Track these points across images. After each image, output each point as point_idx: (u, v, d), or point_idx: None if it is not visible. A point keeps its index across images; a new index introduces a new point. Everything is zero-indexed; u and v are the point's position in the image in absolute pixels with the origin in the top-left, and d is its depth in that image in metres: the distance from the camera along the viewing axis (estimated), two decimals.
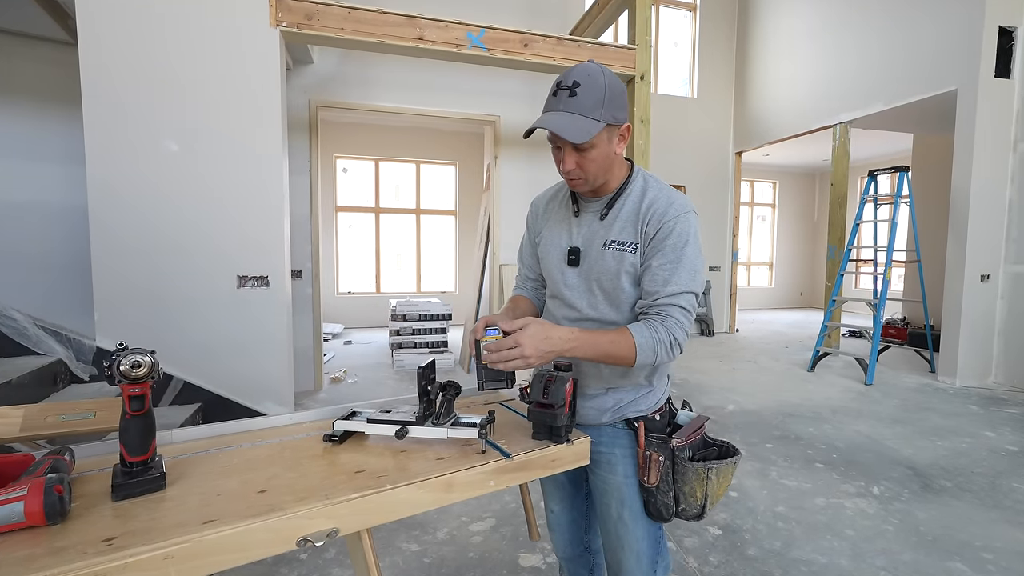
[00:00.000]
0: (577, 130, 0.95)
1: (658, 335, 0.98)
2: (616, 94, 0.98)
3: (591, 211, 1.11)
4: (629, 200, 1.07)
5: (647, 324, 1.00)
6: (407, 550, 2.01)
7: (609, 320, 1.09)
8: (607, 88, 0.97)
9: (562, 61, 3.57)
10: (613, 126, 1.00)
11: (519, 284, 1.34)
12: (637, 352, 0.97)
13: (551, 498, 1.32)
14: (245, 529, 0.70)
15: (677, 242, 1.01)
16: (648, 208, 1.04)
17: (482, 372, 1.00)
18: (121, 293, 2.72)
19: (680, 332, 1.00)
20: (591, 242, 1.09)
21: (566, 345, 0.96)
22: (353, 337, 6.98)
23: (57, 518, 0.67)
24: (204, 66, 2.81)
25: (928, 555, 1.98)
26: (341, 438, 1.02)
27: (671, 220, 1.02)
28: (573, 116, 0.96)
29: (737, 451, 1.12)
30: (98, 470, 0.85)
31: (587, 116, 0.96)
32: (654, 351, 0.98)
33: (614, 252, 1.05)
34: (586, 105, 0.95)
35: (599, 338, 0.98)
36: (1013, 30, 4.25)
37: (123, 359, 0.74)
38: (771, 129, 6.55)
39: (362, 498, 0.80)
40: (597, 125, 0.96)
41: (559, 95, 0.98)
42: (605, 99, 0.96)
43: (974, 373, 4.44)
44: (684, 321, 1.00)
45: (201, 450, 0.96)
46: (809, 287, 10.64)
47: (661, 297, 1.00)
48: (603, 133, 0.98)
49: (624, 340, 0.98)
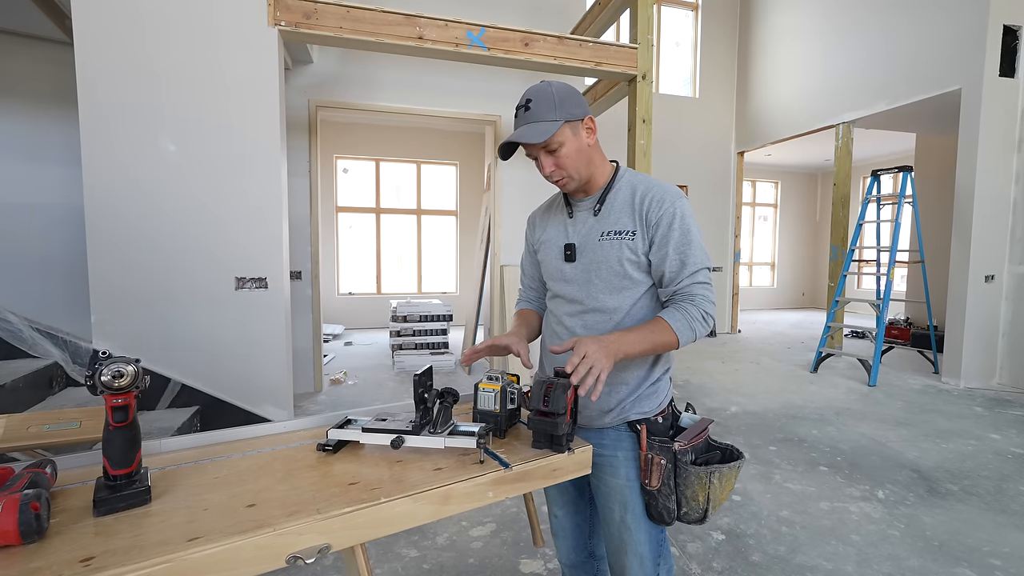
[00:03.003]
0: (536, 133, 1.05)
1: (690, 314, 1.05)
2: (565, 95, 1.08)
3: (584, 209, 1.17)
4: (620, 194, 1.14)
5: (676, 308, 1.07)
6: (406, 556, 1.98)
7: (610, 308, 1.12)
8: (555, 94, 1.07)
9: (563, 60, 3.53)
10: (573, 121, 1.08)
11: (523, 296, 1.38)
12: (678, 335, 1.04)
13: (555, 503, 1.32)
14: (231, 547, 0.67)
15: (682, 225, 1.08)
16: (643, 198, 1.10)
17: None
18: (118, 295, 2.70)
19: (708, 304, 1.07)
20: (588, 237, 1.14)
21: (618, 343, 0.99)
22: (354, 338, 6.95)
23: (33, 536, 0.64)
24: (202, 66, 2.78)
25: (935, 561, 1.95)
26: (335, 447, 0.99)
27: (670, 206, 1.08)
28: (531, 124, 1.06)
29: (741, 455, 1.12)
30: (82, 483, 0.82)
31: (543, 120, 1.05)
32: (691, 328, 1.05)
33: (612, 241, 1.11)
34: (539, 112, 1.06)
35: (641, 330, 1.04)
36: (1018, 29, 4.21)
37: (104, 368, 0.71)
38: (773, 129, 6.51)
39: (355, 512, 0.77)
40: (555, 124, 1.05)
41: (518, 114, 1.10)
42: (556, 102, 1.06)
43: (978, 374, 4.40)
44: (708, 294, 1.08)
45: (190, 461, 0.93)
46: (811, 288, 10.60)
47: (682, 280, 1.08)
48: (565, 130, 1.07)
49: (662, 326, 1.04)
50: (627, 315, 1.12)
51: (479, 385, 1.08)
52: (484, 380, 1.09)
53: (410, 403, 1.07)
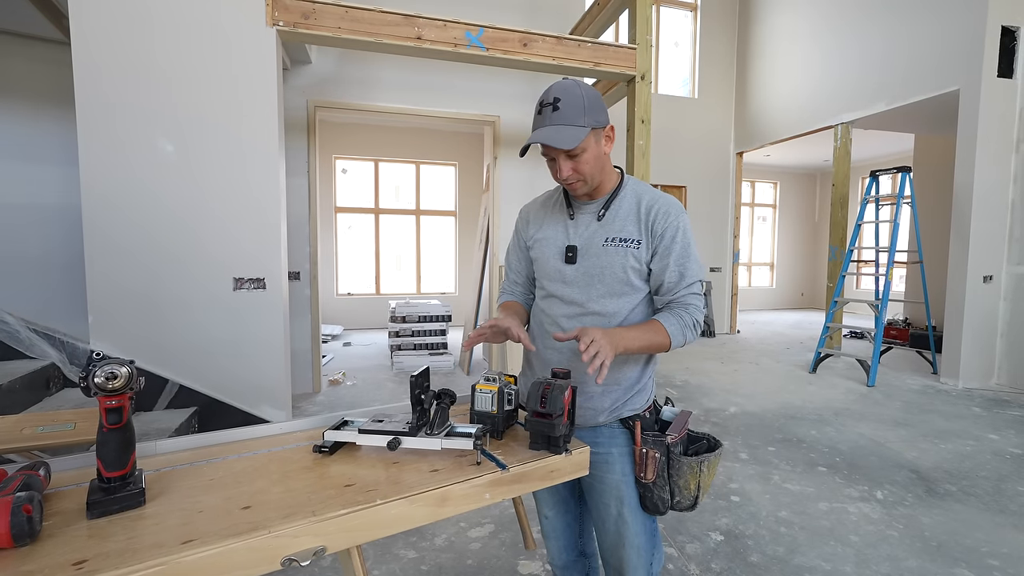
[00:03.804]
0: (567, 138, 1.04)
1: (683, 320, 1.11)
2: (593, 101, 1.08)
3: (587, 213, 1.18)
4: (625, 201, 1.16)
5: (672, 313, 1.12)
6: (404, 557, 1.98)
7: (610, 312, 1.14)
8: (584, 97, 1.07)
9: (562, 61, 3.53)
10: (597, 129, 1.09)
11: (507, 289, 1.36)
12: (671, 338, 1.09)
13: (545, 503, 1.33)
14: (226, 549, 0.67)
15: (683, 239, 1.13)
16: (649, 209, 1.13)
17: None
18: (115, 295, 2.69)
19: (699, 314, 1.14)
20: (591, 241, 1.15)
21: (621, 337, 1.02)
22: (352, 339, 6.94)
23: (25, 539, 0.64)
24: (199, 66, 2.78)
25: (933, 561, 1.95)
26: (331, 449, 0.98)
27: (675, 220, 1.13)
28: (560, 127, 1.05)
29: (720, 443, 1.19)
30: (75, 485, 0.82)
31: (573, 125, 1.05)
32: (683, 334, 1.11)
33: (617, 248, 1.12)
34: (570, 115, 1.05)
35: (640, 329, 1.08)
36: (1016, 30, 4.21)
37: (98, 370, 0.71)
38: (772, 129, 6.51)
39: (351, 514, 0.76)
40: (583, 131, 1.05)
41: (544, 112, 1.07)
42: (585, 107, 1.06)
43: (977, 375, 4.41)
44: (699, 304, 1.15)
45: (185, 462, 0.92)
46: (810, 288, 10.60)
47: (679, 291, 1.13)
48: (590, 137, 1.08)
49: (658, 328, 1.09)
50: (624, 320, 1.15)
51: (476, 386, 1.09)
52: (481, 381, 1.09)
53: (407, 404, 1.06)
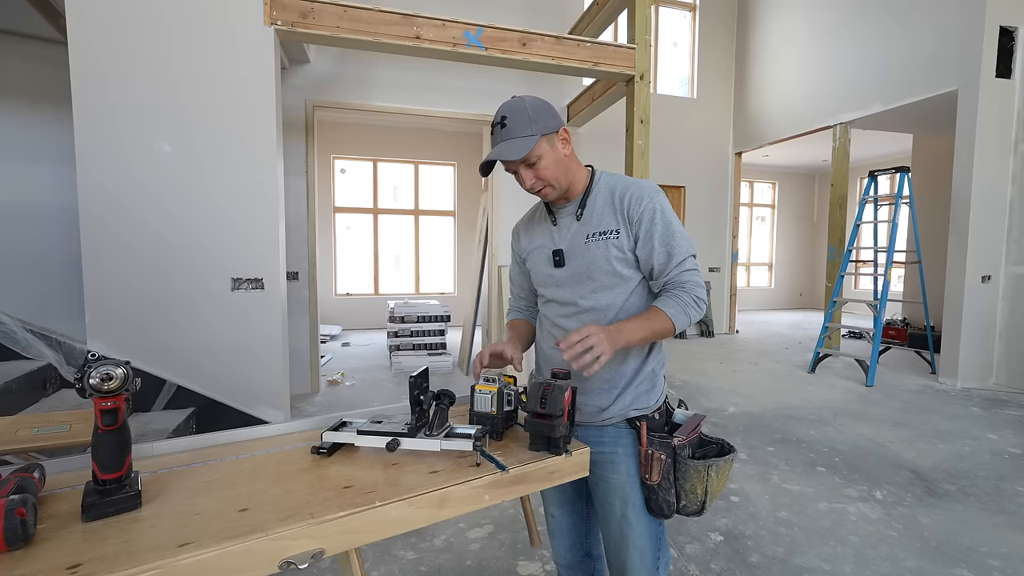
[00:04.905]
0: (515, 149, 1.07)
1: (682, 300, 1.09)
2: (539, 110, 1.10)
3: (567, 215, 1.20)
4: (599, 196, 1.17)
5: (669, 296, 1.11)
6: (403, 558, 1.97)
7: (604, 305, 1.14)
8: (529, 109, 1.09)
9: (561, 60, 3.52)
10: (549, 134, 1.11)
11: (514, 306, 1.40)
12: (673, 321, 1.08)
13: (551, 502, 1.32)
14: (223, 552, 0.66)
15: (663, 219, 1.12)
16: (622, 197, 1.14)
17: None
18: (113, 296, 2.68)
19: (698, 289, 1.11)
20: (574, 241, 1.17)
21: (620, 332, 1.03)
22: (351, 339, 6.93)
23: (19, 543, 0.63)
24: (197, 65, 2.77)
25: (933, 562, 1.94)
26: (330, 450, 0.98)
27: (649, 202, 1.12)
28: (508, 142, 1.08)
29: (733, 448, 1.16)
30: (71, 487, 0.81)
31: (520, 136, 1.08)
32: (685, 313, 1.09)
33: (598, 242, 1.13)
34: (516, 128, 1.08)
35: (639, 319, 1.08)
36: (1014, 30, 4.22)
37: (93, 371, 0.70)
38: (771, 129, 6.51)
39: (349, 516, 0.76)
40: (532, 139, 1.08)
41: (494, 132, 1.11)
42: (531, 117, 1.08)
43: (975, 375, 4.41)
44: (697, 279, 1.12)
45: (183, 464, 0.92)
46: (809, 288, 10.61)
47: (671, 271, 1.12)
48: (542, 143, 1.09)
49: (658, 314, 1.08)
50: (621, 310, 1.14)
51: (475, 387, 1.08)
52: (480, 382, 1.09)
53: (406, 405, 1.06)
